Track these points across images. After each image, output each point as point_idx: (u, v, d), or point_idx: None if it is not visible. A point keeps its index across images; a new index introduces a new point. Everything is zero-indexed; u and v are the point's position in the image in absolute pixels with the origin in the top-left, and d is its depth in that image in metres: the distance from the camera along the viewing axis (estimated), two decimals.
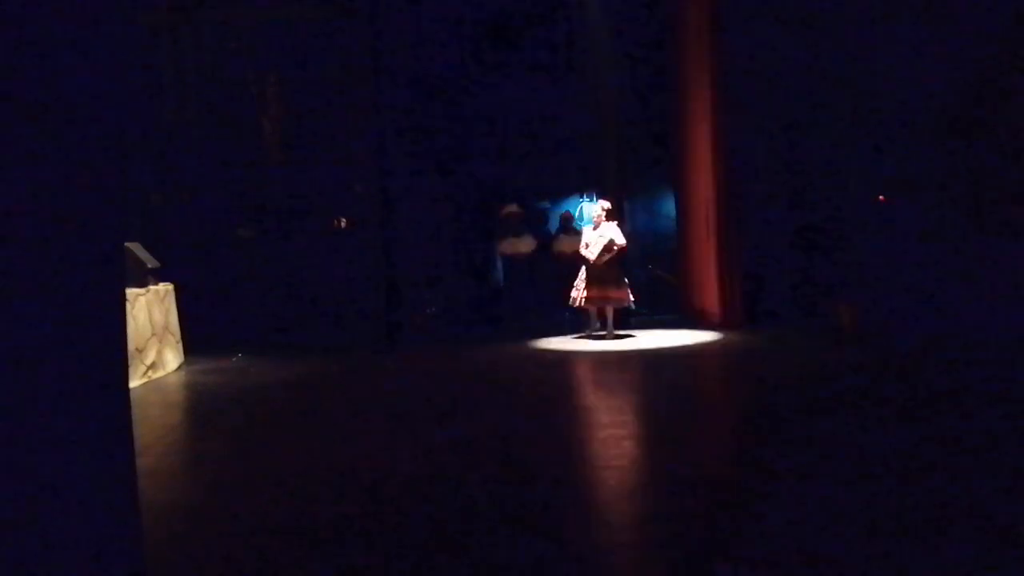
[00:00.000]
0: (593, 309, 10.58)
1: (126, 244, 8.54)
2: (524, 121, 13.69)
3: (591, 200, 13.24)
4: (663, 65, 12.36)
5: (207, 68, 13.31)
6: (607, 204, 10.74)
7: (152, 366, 8.69)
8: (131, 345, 7.97)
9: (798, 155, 11.69)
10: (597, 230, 10.49)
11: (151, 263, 9.23)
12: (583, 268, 10.49)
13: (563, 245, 12.36)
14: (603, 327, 10.48)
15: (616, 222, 10.62)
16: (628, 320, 11.23)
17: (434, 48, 13.82)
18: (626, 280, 10.54)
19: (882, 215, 11.58)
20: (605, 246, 10.36)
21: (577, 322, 11.05)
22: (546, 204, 13.87)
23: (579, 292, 10.45)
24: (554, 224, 13.16)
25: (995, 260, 9.98)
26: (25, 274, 2.50)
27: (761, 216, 11.47)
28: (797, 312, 11.00)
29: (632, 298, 10.55)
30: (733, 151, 11.08)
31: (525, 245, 12.19)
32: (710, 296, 11.22)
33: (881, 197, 11.61)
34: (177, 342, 9.58)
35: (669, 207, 12.85)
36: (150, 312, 8.82)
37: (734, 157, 11.10)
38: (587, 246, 10.45)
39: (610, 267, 10.38)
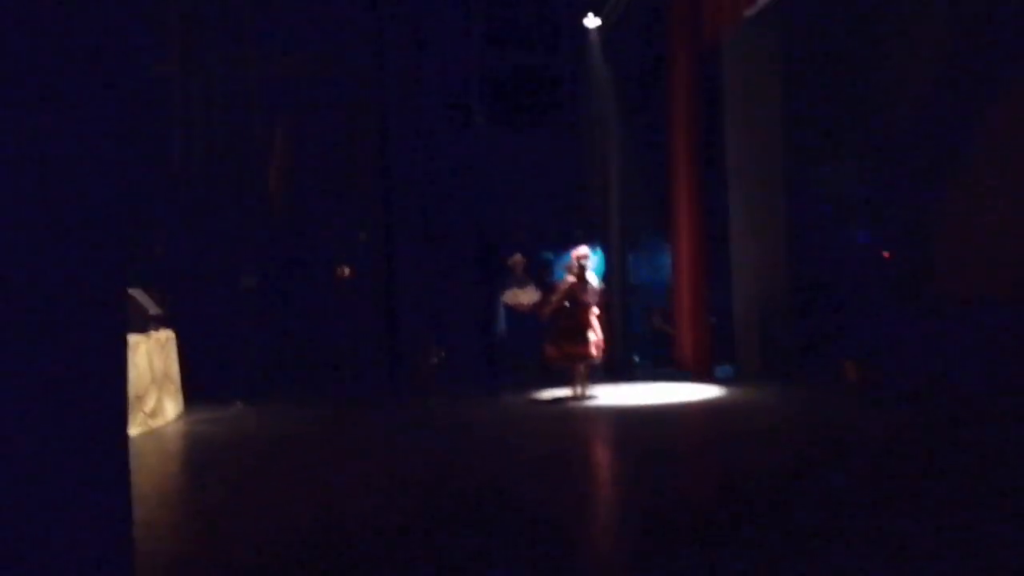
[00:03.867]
0: (566, 367, 9.99)
1: (129, 290, 8.53)
2: (527, 173, 13.80)
3: (594, 251, 13.27)
4: (660, 120, 12.54)
5: (215, 118, 13.45)
6: (581, 251, 10.22)
7: (151, 414, 8.60)
8: (130, 392, 7.90)
9: (798, 208, 11.73)
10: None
11: (153, 310, 9.21)
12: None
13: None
14: (580, 387, 9.86)
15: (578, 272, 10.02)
16: (633, 372, 11.18)
17: (438, 101, 13.99)
18: (591, 334, 9.75)
19: (885, 270, 11.58)
20: (542, 298, 9.85)
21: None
22: (549, 255, 13.90)
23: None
24: (558, 275, 13.15)
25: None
26: (27, 319, 2.47)
27: (765, 269, 11.45)
28: (804, 368, 10.93)
29: (596, 353, 9.77)
30: (713, 207, 11.56)
31: (527, 295, 12.17)
32: (692, 348, 11.45)
33: (886, 253, 11.61)
34: (177, 390, 9.50)
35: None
36: (151, 359, 8.77)
37: (714, 211, 11.48)
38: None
39: (572, 320, 9.74)
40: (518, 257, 12.27)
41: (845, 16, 11.79)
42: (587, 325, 9.81)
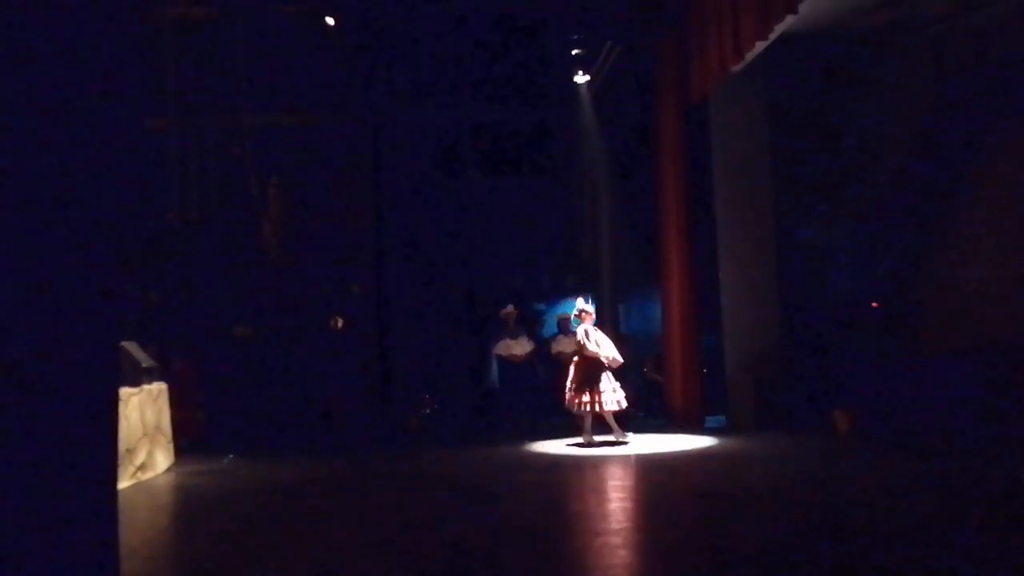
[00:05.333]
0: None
1: (122, 343, 8.55)
2: (518, 225, 13.94)
3: (587, 301, 13.35)
4: (650, 171, 12.72)
5: (209, 170, 13.59)
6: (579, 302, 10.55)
7: (142, 467, 8.57)
8: (121, 445, 7.89)
9: (787, 259, 11.85)
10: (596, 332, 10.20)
11: (146, 362, 9.22)
12: (607, 371, 10.15)
13: (562, 346, 12.43)
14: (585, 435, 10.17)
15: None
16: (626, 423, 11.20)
17: (430, 154, 14.18)
18: (573, 387, 10.23)
19: (874, 320, 11.66)
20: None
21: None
22: (542, 306, 13.97)
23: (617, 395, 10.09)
24: (550, 326, 13.22)
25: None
26: (19, 370, 2.51)
27: (755, 320, 11.53)
28: (796, 418, 10.94)
29: (575, 405, 10.16)
30: (703, 257, 11.79)
31: (520, 347, 12.20)
32: (683, 398, 11.49)
33: (874, 303, 11.70)
34: (168, 443, 9.47)
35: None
36: (142, 412, 8.76)
37: (704, 260, 11.70)
38: (598, 344, 10.06)
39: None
40: (511, 309, 12.33)
41: (829, 69, 12.05)
42: (569, 377, 10.19)
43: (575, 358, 10.23)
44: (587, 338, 10.10)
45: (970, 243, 10.58)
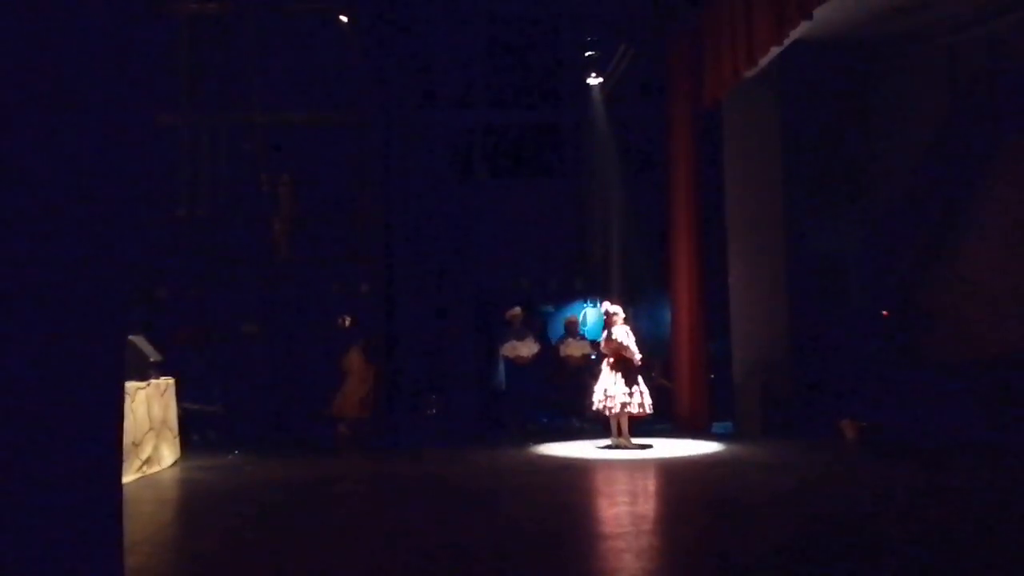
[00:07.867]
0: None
1: (129, 337, 8.56)
2: (527, 226, 13.92)
3: (594, 305, 13.32)
4: (662, 175, 12.68)
5: (220, 167, 13.60)
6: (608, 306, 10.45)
7: (147, 461, 8.58)
8: (128, 439, 7.90)
9: (797, 266, 11.79)
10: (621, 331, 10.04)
11: (153, 356, 9.23)
12: (637, 373, 10.02)
13: (570, 349, 12.40)
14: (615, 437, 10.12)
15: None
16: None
17: (440, 154, 14.17)
18: (595, 387, 10.23)
19: (883, 329, 11.60)
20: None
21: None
22: (549, 308, 13.95)
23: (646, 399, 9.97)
24: (558, 328, 13.19)
25: None
26: (25, 362, 2.50)
27: (764, 326, 11.47)
28: (803, 426, 10.89)
29: (596, 406, 10.12)
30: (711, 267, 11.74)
31: (527, 348, 12.18)
32: (691, 404, 11.55)
33: (884, 312, 11.64)
34: (174, 437, 9.48)
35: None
36: (149, 406, 8.77)
37: (712, 268, 11.70)
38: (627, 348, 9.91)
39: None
40: (516, 310, 12.31)
41: (843, 77, 12.00)
42: (602, 380, 10.10)
43: (610, 360, 10.07)
44: (627, 338, 10.00)
45: (981, 253, 10.52)
